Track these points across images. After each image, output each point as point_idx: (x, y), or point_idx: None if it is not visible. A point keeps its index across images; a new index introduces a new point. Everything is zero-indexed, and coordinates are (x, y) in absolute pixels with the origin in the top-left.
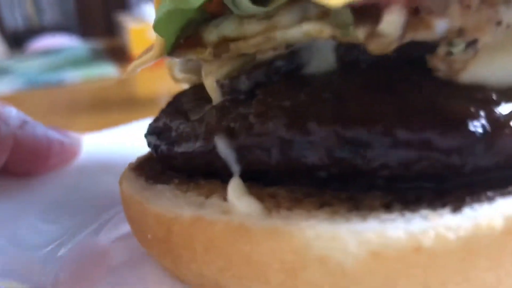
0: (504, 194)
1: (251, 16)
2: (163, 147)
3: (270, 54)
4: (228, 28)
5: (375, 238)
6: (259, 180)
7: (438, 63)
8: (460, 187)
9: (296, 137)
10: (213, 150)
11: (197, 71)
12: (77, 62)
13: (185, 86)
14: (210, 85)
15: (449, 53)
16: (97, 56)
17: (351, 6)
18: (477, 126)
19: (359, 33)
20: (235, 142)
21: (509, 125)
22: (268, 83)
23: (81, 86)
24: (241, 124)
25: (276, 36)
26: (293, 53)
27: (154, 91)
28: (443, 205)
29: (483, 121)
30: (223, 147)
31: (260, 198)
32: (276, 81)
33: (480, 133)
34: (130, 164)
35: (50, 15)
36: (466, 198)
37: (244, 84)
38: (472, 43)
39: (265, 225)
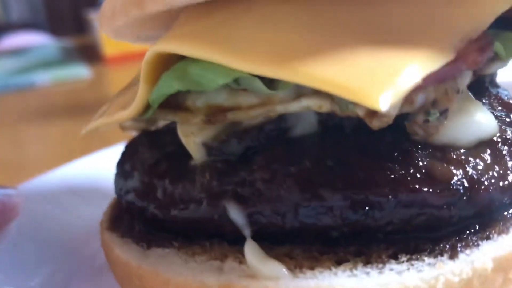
0: (484, 238)
1: (242, 89)
2: (153, 209)
3: (258, 120)
4: (219, 97)
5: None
6: (268, 240)
7: (416, 129)
8: (450, 234)
9: (312, 203)
10: (221, 215)
11: (149, 121)
12: (47, 63)
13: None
14: (191, 145)
15: (426, 121)
16: (68, 56)
17: None
18: (458, 184)
19: (359, 111)
20: (247, 208)
21: (481, 181)
22: (258, 146)
23: (53, 89)
24: (251, 190)
25: (277, 110)
26: (281, 118)
27: None
28: (441, 253)
29: (463, 179)
30: (234, 212)
31: (278, 259)
32: (270, 144)
33: (461, 191)
34: (102, 223)
35: (17, 11)
36: (457, 246)
37: (235, 147)
38: (444, 111)
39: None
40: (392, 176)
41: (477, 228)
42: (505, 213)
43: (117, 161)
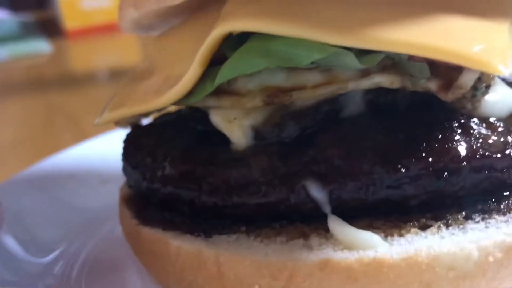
0: None
1: (306, 68)
2: (209, 197)
3: (311, 101)
4: (276, 78)
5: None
6: (345, 215)
7: (465, 103)
8: (510, 195)
9: (395, 174)
10: (299, 194)
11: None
12: (6, 38)
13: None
14: (235, 130)
15: (473, 95)
16: (27, 31)
17: (427, 62)
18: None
19: (431, 85)
20: (328, 185)
21: None
22: (313, 127)
23: (13, 65)
24: (329, 167)
25: (348, 87)
26: (333, 100)
27: (90, 66)
28: (509, 211)
29: None
30: (316, 190)
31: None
32: (326, 125)
33: None
34: (128, 219)
35: None
36: None
37: (292, 129)
38: (488, 86)
39: (400, 253)
40: (463, 145)
41: None
42: None
43: (130, 153)
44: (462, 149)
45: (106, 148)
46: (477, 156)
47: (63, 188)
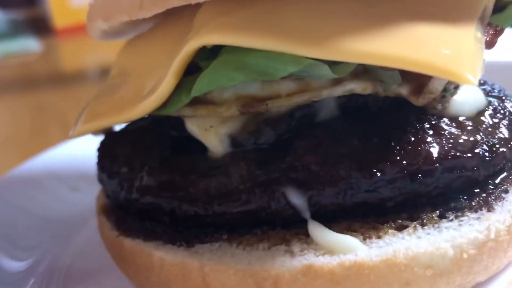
0: (506, 191)
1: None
2: (189, 206)
3: (285, 108)
4: (250, 88)
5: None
6: (323, 219)
7: (435, 104)
8: (480, 192)
9: (372, 178)
10: (278, 201)
11: None
12: None
13: None
14: (212, 138)
15: (443, 96)
16: (16, 29)
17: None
18: (483, 149)
19: (402, 90)
20: (308, 191)
21: (495, 144)
22: (288, 132)
23: (2, 63)
24: (307, 173)
25: (322, 95)
26: (307, 105)
27: (80, 64)
28: (480, 207)
29: (483, 144)
30: (295, 197)
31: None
32: (301, 130)
33: (485, 154)
34: (106, 230)
35: None
36: (489, 200)
37: (268, 136)
38: (456, 87)
39: (379, 255)
40: (435, 146)
41: (498, 183)
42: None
43: (105, 162)
44: (435, 151)
45: (75, 154)
46: (449, 156)
47: (33, 199)
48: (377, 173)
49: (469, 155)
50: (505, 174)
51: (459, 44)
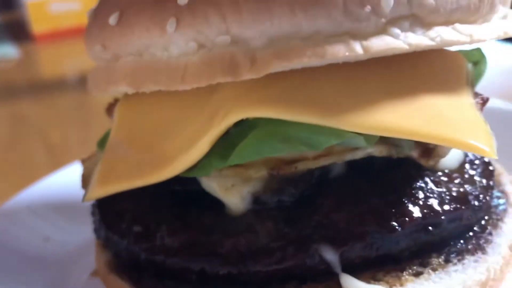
0: (496, 234)
1: None
2: (216, 267)
3: (304, 167)
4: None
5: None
6: (351, 271)
7: (429, 162)
8: (474, 236)
9: (395, 233)
10: (311, 257)
11: None
12: None
13: None
14: (233, 196)
15: None
16: None
17: None
18: (473, 199)
19: (413, 153)
20: (340, 247)
21: (478, 194)
22: (308, 190)
23: None
24: (337, 230)
25: (346, 158)
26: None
27: (60, 71)
28: (475, 250)
29: (473, 194)
30: (328, 253)
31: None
32: (320, 186)
33: (475, 203)
34: None
35: None
36: (481, 243)
37: (291, 193)
38: None
39: None
40: (439, 200)
41: (484, 227)
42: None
43: (112, 220)
44: (440, 204)
45: (39, 199)
46: (452, 209)
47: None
48: (398, 228)
49: (465, 206)
50: (486, 217)
51: (474, 119)
